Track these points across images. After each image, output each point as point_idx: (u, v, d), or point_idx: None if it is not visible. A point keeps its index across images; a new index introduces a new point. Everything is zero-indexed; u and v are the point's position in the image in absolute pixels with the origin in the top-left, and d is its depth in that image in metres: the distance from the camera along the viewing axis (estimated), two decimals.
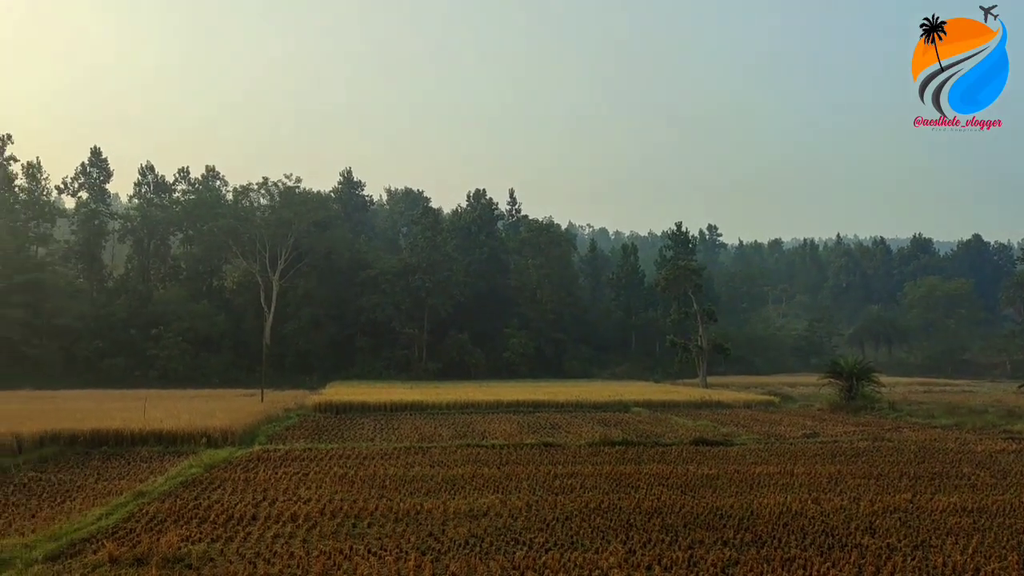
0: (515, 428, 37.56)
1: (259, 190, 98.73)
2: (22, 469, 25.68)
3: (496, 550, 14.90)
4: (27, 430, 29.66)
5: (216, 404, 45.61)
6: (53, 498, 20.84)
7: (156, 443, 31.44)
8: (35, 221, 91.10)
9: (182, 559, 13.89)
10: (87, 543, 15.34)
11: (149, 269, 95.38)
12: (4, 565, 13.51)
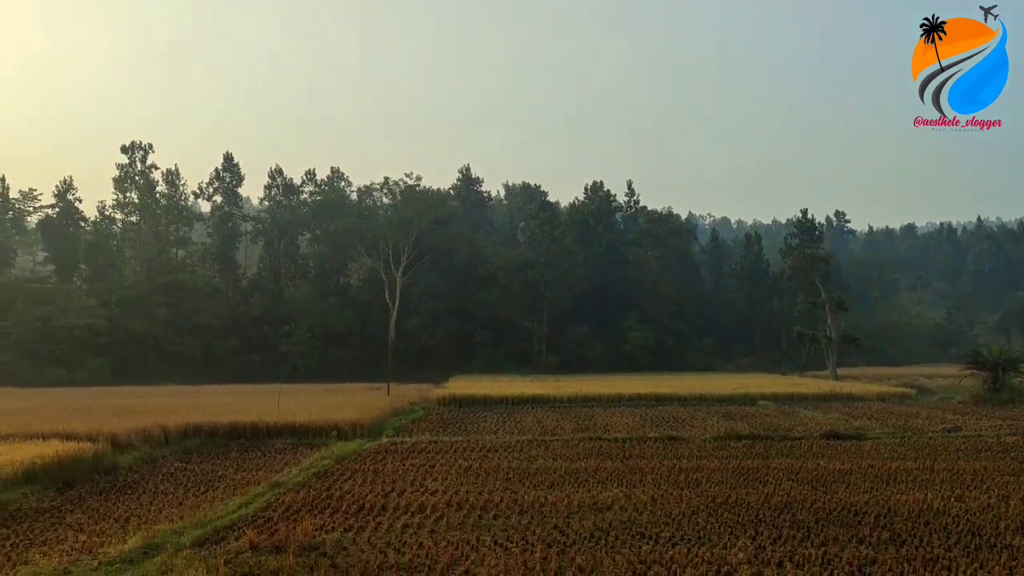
0: (637, 422, 37.24)
1: (381, 189, 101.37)
2: (169, 459, 27.23)
3: (622, 544, 14.81)
4: (172, 423, 31.40)
5: (344, 398, 47.14)
6: (197, 487, 22.00)
7: (289, 435, 32.73)
8: (175, 225, 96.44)
9: (317, 547, 14.40)
10: (229, 530, 16.12)
11: (280, 268, 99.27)
12: (157, 549, 14.35)
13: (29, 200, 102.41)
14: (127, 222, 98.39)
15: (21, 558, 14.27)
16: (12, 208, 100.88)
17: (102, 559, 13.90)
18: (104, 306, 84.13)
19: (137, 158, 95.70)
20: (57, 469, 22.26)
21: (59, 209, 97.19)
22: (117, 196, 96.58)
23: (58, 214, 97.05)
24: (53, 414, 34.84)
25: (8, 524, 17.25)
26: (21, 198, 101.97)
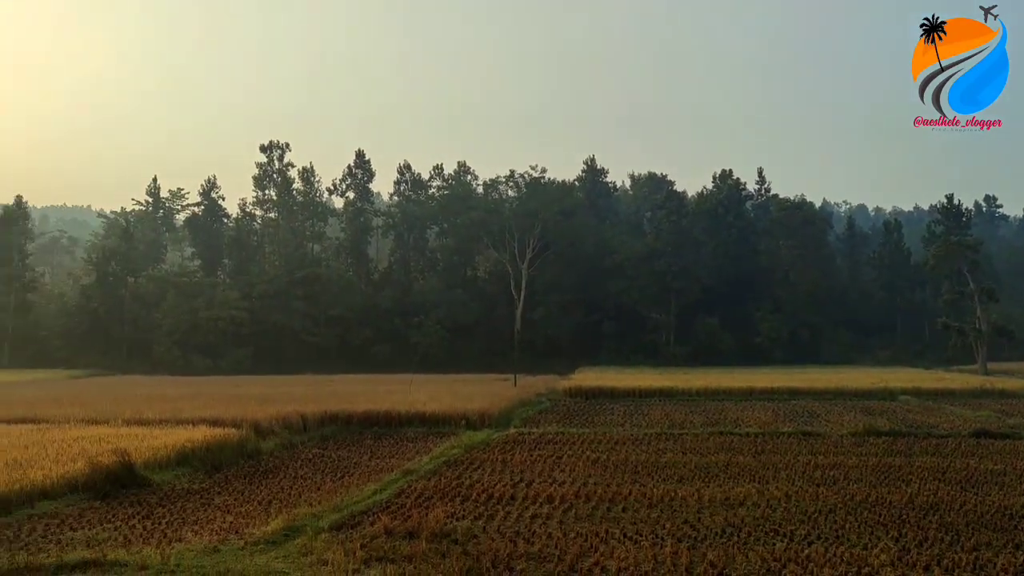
0: (770, 416, 36.21)
1: (507, 183, 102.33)
2: (307, 446, 28.36)
3: (755, 540, 14.41)
4: (310, 411, 32.67)
5: (473, 388, 47.86)
6: (334, 473, 22.80)
7: (420, 424, 33.49)
8: (311, 221, 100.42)
9: (448, 534, 14.66)
10: (365, 515, 16.62)
11: (409, 261, 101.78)
12: (297, 532, 14.95)
13: (177, 199, 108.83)
14: (266, 218, 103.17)
15: (176, 535, 15.16)
16: (163, 207, 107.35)
17: (247, 539, 14.58)
18: (246, 299, 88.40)
19: (275, 157, 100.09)
20: (206, 453, 23.53)
21: (204, 207, 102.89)
22: (257, 193, 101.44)
23: (203, 211, 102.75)
24: (201, 401, 36.88)
25: (164, 503, 18.35)
26: (170, 197, 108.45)
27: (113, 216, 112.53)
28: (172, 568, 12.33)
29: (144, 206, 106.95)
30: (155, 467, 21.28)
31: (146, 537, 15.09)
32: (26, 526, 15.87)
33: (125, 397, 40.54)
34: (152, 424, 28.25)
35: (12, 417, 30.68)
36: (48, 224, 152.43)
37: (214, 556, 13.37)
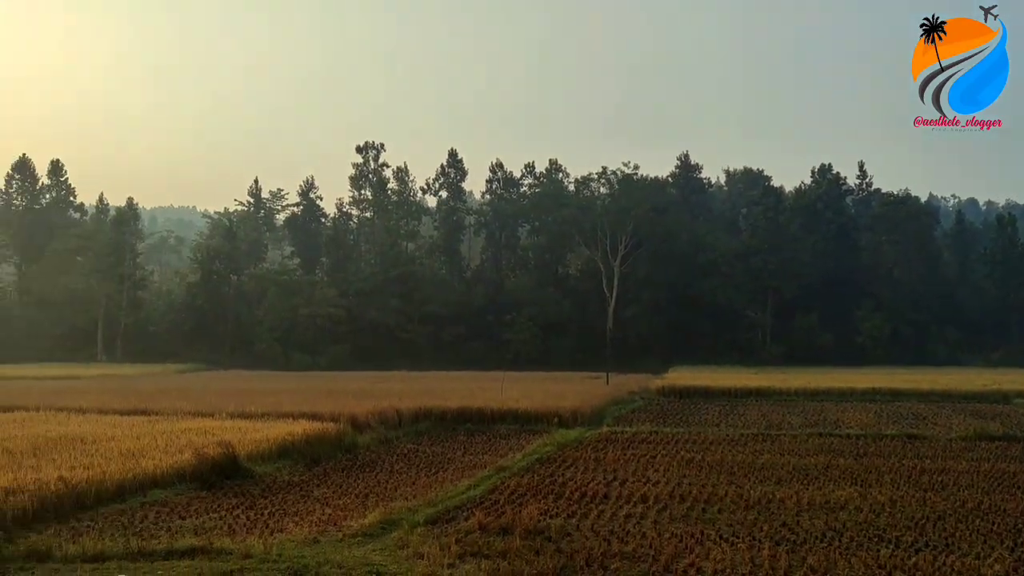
0: (872, 418, 35.05)
1: (598, 180, 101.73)
2: (402, 441, 28.84)
3: (857, 546, 13.95)
4: (405, 407, 33.20)
5: (564, 386, 47.82)
6: (429, 468, 23.13)
7: (513, 421, 33.64)
8: (405, 219, 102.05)
9: (542, 531, 14.68)
10: (459, 511, 16.80)
11: (501, 259, 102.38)
12: (393, 525, 15.22)
13: (277, 199, 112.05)
14: (362, 218, 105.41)
15: (277, 526, 15.63)
16: (264, 207, 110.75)
17: (345, 532, 14.93)
18: (343, 296, 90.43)
19: (370, 157, 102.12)
20: (305, 446, 24.17)
21: (303, 207, 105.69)
22: (353, 193, 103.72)
23: (302, 211, 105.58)
24: (301, 396, 37.92)
25: (266, 495, 18.94)
26: (271, 198, 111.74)
27: (217, 216, 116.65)
28: (274, 558, 12.70)
29: (246, 207, 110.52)
30: (257, 459, 21.98)
31: (249, 527, 15.60)
32: (139, 513, 16.61)
33: (229, 391, 42.00)
34: (254, 417, 29.19)
35: (126, 409, 32.13)
36: (157, 224, 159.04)
37: (314, 547, 13.73)
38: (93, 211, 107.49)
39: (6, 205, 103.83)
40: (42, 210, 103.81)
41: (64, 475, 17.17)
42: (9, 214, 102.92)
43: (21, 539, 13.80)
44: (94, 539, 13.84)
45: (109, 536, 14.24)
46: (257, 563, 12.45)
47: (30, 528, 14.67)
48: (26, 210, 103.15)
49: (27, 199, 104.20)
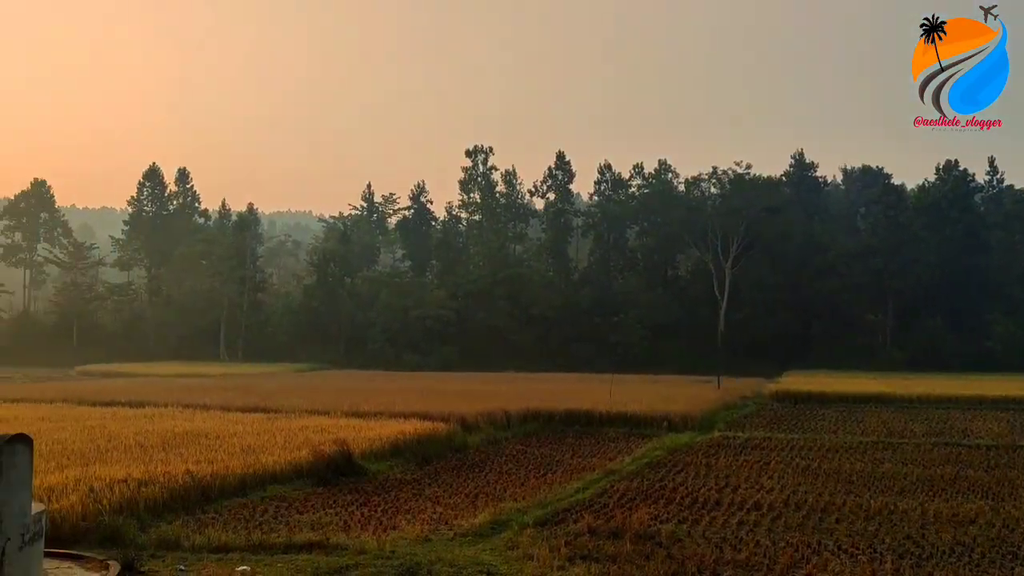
0: (1005, 427, 33.18)
1: (709, 180, 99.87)
2: (510, 442, 28.99)
3: (989, 563, 13.23)
4: (513, 408, 33.39)
5: (674, 390, 47.15)
6: (537, 469, 23.17)
7: (621, 424, 33.35)
8: (513, 222, 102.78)
9: (652, 536, 14.50)
10: (568, 513, 16.77)
11: (609, 261, 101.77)
12: (503, 526, 15.32)
13: (389, 203, 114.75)
14: (471, 221, 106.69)
15: (390, 523, 15.96)
16: (376, 211, 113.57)
17: (456, 530, 15.11)
18: (452, 298, 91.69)
19: (479, 161, 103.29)
20: (416, 445, 24.61)
21: (414, 211, 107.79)
22: (462, 197, 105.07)
23: (413, 215, 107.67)
24: (412, 396, 38.62)
25: (379, 492, 19.37)
26: (383, 202, 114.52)
27: (332, 221, 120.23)
28: (388, 554, 12.96)
29: (360, 211, 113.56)
30: (371, 457, 22.50)
31: (364, 523, 15.98)
32: (259, 507, 17.25)
33: (343, 390, 43.17)
34: (368, 416, 29.88)
35: (246, 406, 33.44)
36: (275, 229, 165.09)
37: (426, 545, 13.95)
38: (216, 217, 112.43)
39: (137, 212, 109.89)
40: (170, 216, 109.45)
41: (191, 469, 17.99)
42: (140, 220, 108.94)
43: (153, 528, 14.54)
44: (218, 531, 14.45)
45: (232, 528, 14.83)
46: (371, 559, 12.73)
47: (161, 518, 15.43)
48: (155, 216, 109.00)
49: (156, 206, 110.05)
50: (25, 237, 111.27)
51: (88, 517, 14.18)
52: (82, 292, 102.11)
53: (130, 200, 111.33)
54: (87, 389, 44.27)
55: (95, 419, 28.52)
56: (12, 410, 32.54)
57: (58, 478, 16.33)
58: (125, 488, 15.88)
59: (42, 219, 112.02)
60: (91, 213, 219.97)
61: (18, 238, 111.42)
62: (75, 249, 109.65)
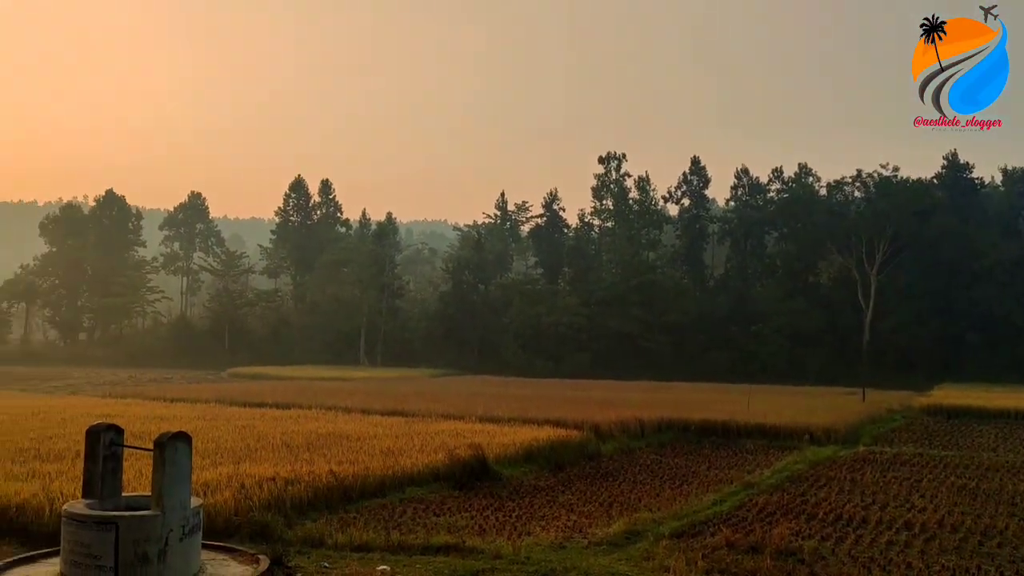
0: None
1: (853, 183, 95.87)
2: (644, 451, 28.62)
3: None
4: (647, 417, 32.94)
5: (815, 401, 45.42)
6: (672, 480, 22.77)
7: (759, 436, 32.36)
8: (646, 228, 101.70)
9: (794, 553, 13.98)
10: (705, 526, 16.39)
11: (746, 268, 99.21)
12: (637, 536, 15.13)
13: (522, 211, 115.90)
14: (603, 228, 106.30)
15: (524, 529, 16.03)
16: (510, 219, 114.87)
17: (590, 539, 15.02)
18: (585, 305, 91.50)
19: (612, 168, 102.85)
20: (550, 452, 24.65)
21: (546, 218, 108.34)
22: (595, 204, 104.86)
23: (546, 223, 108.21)
24: (544, 402, 38.73)
25: (513, 498, 19.50)
26: (516, 210, 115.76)
27: (466, 229, 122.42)
28: (522, 560, 13.02)
29: (493, 219, 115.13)
30: (505, 462, 22.69)
31: (499, 528, 16.11)
32: (398, 508, 17.68)
33: (477, 395, 43.77)
34: (501, 422, 30.16)
35: (385, 409, 34.41)
36: (412, 238, 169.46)
37: (560, 552, 13.93)
38: (357, 226, 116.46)
39: (284, 222, 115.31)
40: (314, 226, 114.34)
41: (334, 469, 18.64)
42: (287, 230, 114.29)
43: (298, 525, 15.14)
44: (359, 530, 14.89)
45: (372, 528, 15.25)
46: (506, 564, 12.82)
47: (305, 515, 16.05)
48: (300, 226, 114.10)
49: (301, 216, 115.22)
50: (183, 247, 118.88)
51: (240, 512, 14.90)
52: (233, 299, 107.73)
53: (277, 211, 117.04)
54: (237, 390, 46.65)
55: (245, 419, 30.02)
56: (171, 409, 34.69)
57: (212, 474, 17.25)
58: (273, 486, 16.61)
59: (198, 230, 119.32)
60: (241, 224, 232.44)
61: (176, 248, 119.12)
62: (227, 258, 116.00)
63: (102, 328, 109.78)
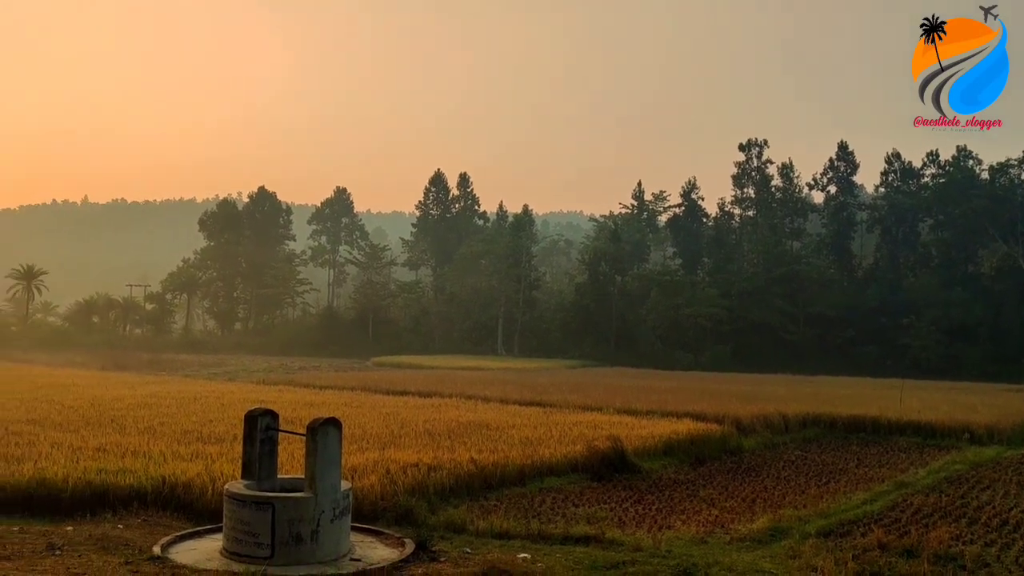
0: None
1: (1019, 165, 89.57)
2: (788, 447, 27.71)
3: None
4: (791, 411, 31.87)
5: (975, 398, 42.69)
6: (818, 477, 21.97)
7: (913, 434, 30.72)
8: (789, 217, 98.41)
9: (954, 558, 13.21)
10: (854, 525, 15.72)
11: (898, 257, 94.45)
12: (782, 533, 14.67)
13: (660, 201, 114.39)
14: (744, 217, 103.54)
15: (664, 522, 15.85)
16: (647, 209, 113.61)
17: (733, 535, 14.68)
18: (725, 296, 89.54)
19: (753, 155, 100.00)
20: (689, 446, 24.23)
21: (685, 207, 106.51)
22: (735, 192, 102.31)
23: (684, 212, 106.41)
24: (683, 395, 38.11)
25: (652, 491, 19.31)
26: (653, 200, 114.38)
27: (603, 220, 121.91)
28: (663, 553, 12.87)
29: (630, 209, 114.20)
30: (644, 455, 22.47)
31: (638, 521, 16.00)
32: (537, 497, 17.82)
33: (614, 387, 43.54)
34: (639, 414, 29.89)
35: (523, 400, 34.73)
36: (548, 229, 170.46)
37: (702, 547, 13.68)
38: (494, 218, 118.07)
39: (424, 215, 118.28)
40: (452, 218, 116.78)
41: (475, 457, 18.97)
42: (427, 223, 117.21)
43: (441, 511, 15.50)
44: (500, 518, 15.10)
45: (512, 516, 15.44)
46: (647, 557, 12.70)
47: (447, 502, 16.42)
48: (439, 219, 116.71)
49: (440, 209, 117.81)
50: (329, 240, 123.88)
51: (385, 497, 15.38)
52: (377, 290, 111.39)
53: (417, 204, 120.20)
54: (381, 379, 48.19)
55: (389, 407, 30.97)
56: (320, 396, 36.21)
57: (359, 459, 17.89)
58: (416, 472, 17.07)
59: (343, 224, 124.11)
60: (384, 217, 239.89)
61: (323, 241, 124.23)
62: (371, 251, 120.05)
63: (255, 318, 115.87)
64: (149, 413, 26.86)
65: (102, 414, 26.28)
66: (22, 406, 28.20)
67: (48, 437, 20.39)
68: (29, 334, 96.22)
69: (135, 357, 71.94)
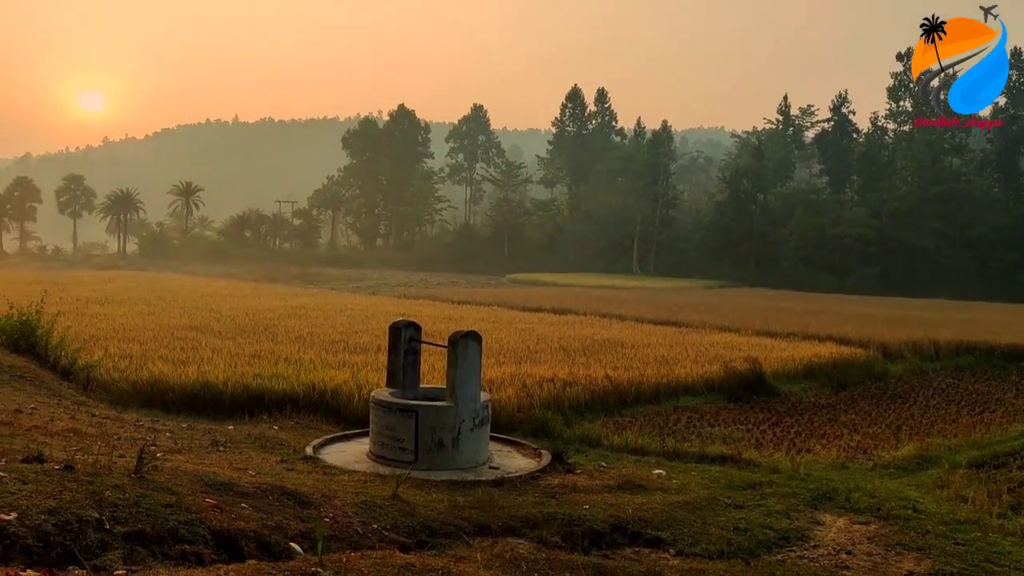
0: None
1: None
2: (939, 374, 26.44)
3: None
4: (943, 338, 30.30)
5: None
6: (971, 407, 20.94)
7: None
8: (950, 132, 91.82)
9: None
10: (1010, 457, 14.95)
11: None
12: (929, 462, 14.15)
13: (807, 116, 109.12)
14: (899, 132, 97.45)
15: (803, 446, 15.55)
16: (792, 125, 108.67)
17: (876, 461, 14.26)
18: (874, 216, 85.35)
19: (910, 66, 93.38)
20: (831, 370, 23.51)
21: (834, 123, 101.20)
22: (890, 106, 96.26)
23: (833, 127, 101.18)
24: (826, 318, 36.89)
25: (791, 414, 18.92)
26: (800, 115, 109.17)
27: (745, 136, 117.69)
28: (802, 476, 12.64)
29: (775, 125, 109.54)
30: (782, 378, 21.98)
31: (776, 443, 15.76)
32: (671, 416, 17.79)
33: (753, 308, 42.59)
34: (779, 336, 29.16)
35: (658, 319, 34.50)
36: (687, 146, 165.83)
37: (842, 472, 13.37)
38: (631, 135, 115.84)
39: (560, 132, 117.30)
40: (589, 135, 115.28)
41: (609, 374, 19.06)
42: (563, 140, 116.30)
43: (576, 425, 15.74)
44: (634, 434, 15.20)
45: (647, 434, 15.50)
46: (785, 479, 12.51)
47: (582, 416, 16.63)
48: (576, 135, 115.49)
49: (577, 125, 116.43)
50: (466, 158, 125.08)
51: (522, 410, 15.73)
52: (512, 207, 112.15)
53: (554, 121, 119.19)
54: (517, 295, 48.86)
55: (525, 323, 31.43)
56: (458, 311, 37.11)
57: (497, 372, 18.30)
58: (551, 386, 17.34)
59: (480, 141, 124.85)
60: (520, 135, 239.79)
61: (460, 159, 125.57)
62: (507, 168, 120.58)
63: (396, 234, 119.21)
64: (299, 323, 28.28)
65: (256, 323, 27.85)
66: (185, 314, 30.26)
67: (209, 343, 21.81)
68: (189, 247, 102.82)
69: (284, 270, 75.76)
